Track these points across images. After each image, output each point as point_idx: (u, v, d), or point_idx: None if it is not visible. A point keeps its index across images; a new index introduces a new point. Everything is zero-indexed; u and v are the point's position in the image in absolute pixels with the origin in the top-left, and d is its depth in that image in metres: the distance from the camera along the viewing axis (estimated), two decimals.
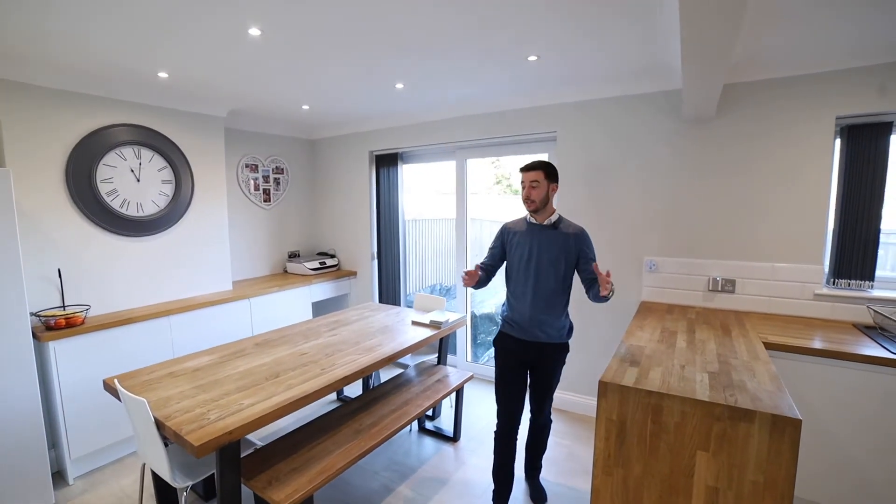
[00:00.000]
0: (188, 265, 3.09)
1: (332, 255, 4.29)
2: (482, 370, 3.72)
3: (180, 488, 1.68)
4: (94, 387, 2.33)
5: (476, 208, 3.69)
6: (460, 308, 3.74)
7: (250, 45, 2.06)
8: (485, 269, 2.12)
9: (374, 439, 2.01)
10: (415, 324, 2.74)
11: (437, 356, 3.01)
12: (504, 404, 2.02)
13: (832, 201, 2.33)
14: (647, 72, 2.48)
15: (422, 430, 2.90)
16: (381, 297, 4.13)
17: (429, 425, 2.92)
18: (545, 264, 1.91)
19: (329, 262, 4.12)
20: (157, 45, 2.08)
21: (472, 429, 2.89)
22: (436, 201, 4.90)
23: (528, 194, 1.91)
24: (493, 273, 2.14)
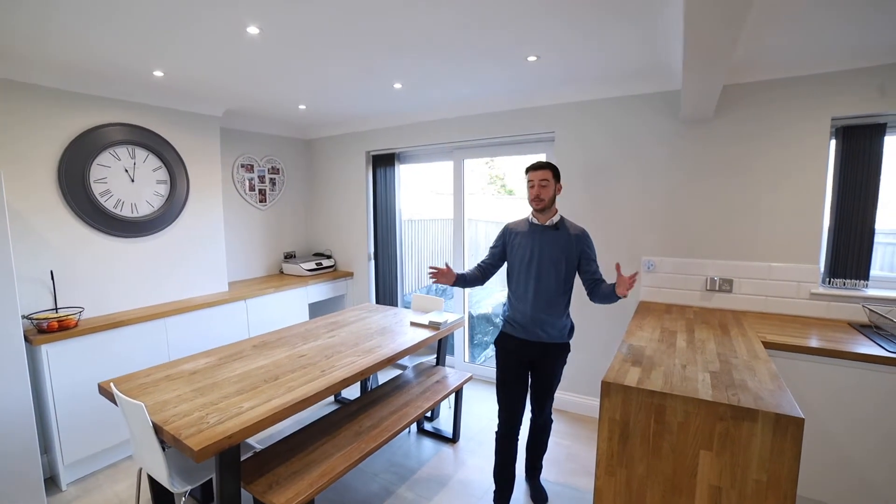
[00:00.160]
0: (183, 266, 3.05)
1: (329, 256, 4.26)
2: (480, 370, 3.71)
3: (178, 493, 1.65)
4: (88, 391, 2.30)
5: (470, 208, 3.69)
6: (458, 308, 3.73)
7: (249, 43, 2.04)
8: (482, 268, 2.13)
9: (374, 441, 1.99)
10: (413, 325, 2.73)
11: (435, 357, 3.00)
12: (505, 405, 2.02)
13: (827, 201, 2.36)
14: (646, 72, 2.50)
15: (420, 431, 2.89)
16: (377, 297, 4.11)
17: (427, 426, 2.91)
18: (547, 265, 1.91)
19: (325, 262, 4.09)
20: (153, 44, 2.05)
21: (470, 429, 2.88)
22: (432, 201, 4.90)
23: (537, 193, 1.91)
24: (490, 272, 2.13)
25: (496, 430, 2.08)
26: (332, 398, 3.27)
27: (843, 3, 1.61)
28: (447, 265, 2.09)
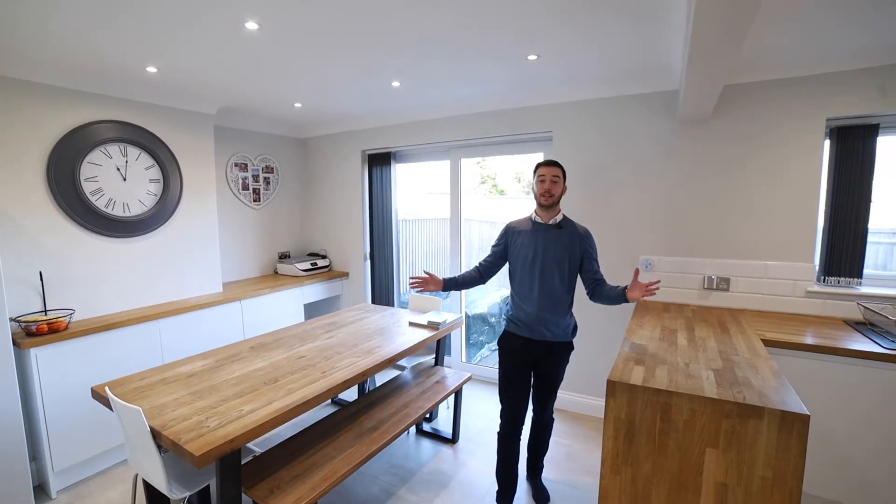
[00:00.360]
0: (177, 267, 2.99)
1: (324, 256, 4.22)
2: (477, 370, 3.70)
3: (176, 500, 1.61)
4: (79, 395, 2.24)
5: (465, 208, 3.67)
6: (454, 308, 3.72)
7: (247, 39, 2.00)
8: (481, 268, 2.11)
9: (376, 443, 1.97)
10: (412, 325, 2.70)
11: (433, 357, 2.98)
12: (509, 404, 2.01)
13: (822, 201, 2.39)
14: (644, 73, 2.51)
15: (419, 432, 2.87)
16: (373, 298, 4.08)
17: (426, 427, 2.89)
18: (550, 264, 1.91)
19: (320, 262, 4.05)
20: (148, 38, 2.00)
21: (469, 430, 2.87)
22: (427, 201, 4.88)
23: (548, 188, 1.90)
24: (491, 272, 2.12)
25: (498, 430, 2.06)
26: (329, 400, 3.23)
27: (844, 4, 1.63)
28: (427, 272, 2.08)
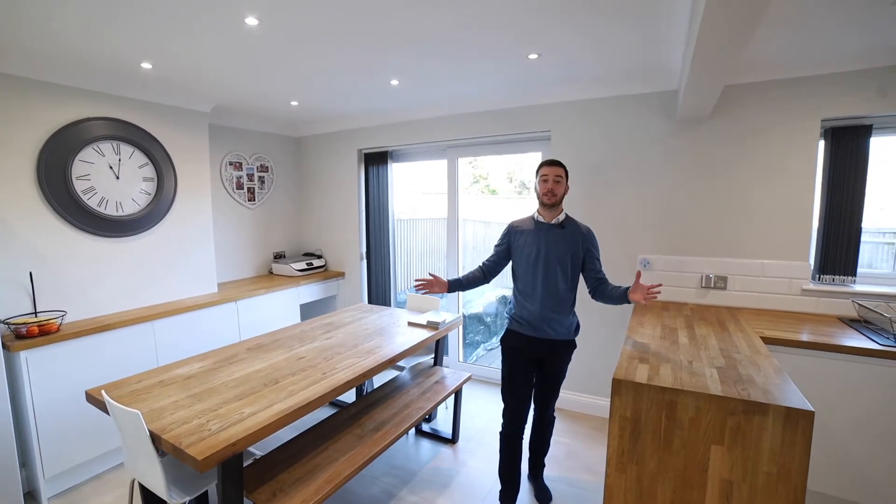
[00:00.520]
0: (171, 267, 2.94)
1: (319, 256, 4.18)
2: (475, 370, 3.70)
3: None
4: (71, 399, 2.18)
5: (461, 208, 3.66)
6: (452, 308, 3.71)
7: (247, 34, 1.96)
8: (485, 267, 2.11)
9: (378, 444, 1.95)
10: (411, 325, 2.69)
11: (432, 357, 2.97)
12: (512, 403, 2.00)
13: (817, 200, 2.43)
14: (643, 73, 2.52)
15: (418, 432, 2.85)
16: (370, 298, 4.05)
17: (425, 427, 2.88)
18: (553, 263, 1.91)
19: (316, 262, 4.01)
20: (145, 34, 1.95)
21: (468, 429, 2.86)
22: (422, 201, 4.86)
23: (551, 188, 1.91)
24: (495, 271, 2.12)
25: (500, 429, 2.06)
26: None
27: (843, 6, 1.65)
28: (432, 274, 2.07)
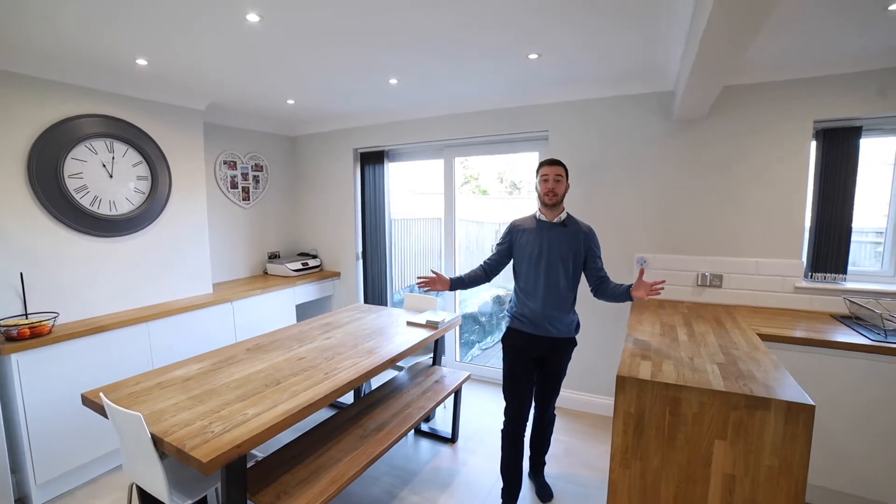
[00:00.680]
0: (166, 267, 2.89)
1: (314, 256, 4.15)
2: (474, 369, 3.70)
3: None
4: (64, 402, 2.14)
5: (456, 208, 3.67)
6: (449, 308, 3.71)
7: (247, 32, 1.94)
8: (486, 266, 2.11)
9: (381, 444, 1.94)
10: (409, 324, 2.68)
11: (431, 357, 2.97)
12: (513, 401, 2.01)
13: (809, 199, 2.48)
14: (641, 73, 2.55)
15: (418, 432, 2.85)
16: (366, 297, 4.03)
17: (424, 427, 2.87)
18: (555, 261, 1.92)
19: (311, 262, 3.98)
20: (141, 30, 1.92)
21: (467, 429, 2.86)
22: (417, 200, 4.85)
23: (552, 187, 1.92)
24: (496, 270, 2.12)
25: (502, 427, 2.06)
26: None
27: (841, 9, 1.69)
28: (434, 272, 2.07)
